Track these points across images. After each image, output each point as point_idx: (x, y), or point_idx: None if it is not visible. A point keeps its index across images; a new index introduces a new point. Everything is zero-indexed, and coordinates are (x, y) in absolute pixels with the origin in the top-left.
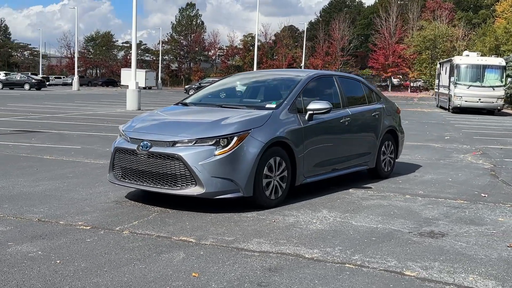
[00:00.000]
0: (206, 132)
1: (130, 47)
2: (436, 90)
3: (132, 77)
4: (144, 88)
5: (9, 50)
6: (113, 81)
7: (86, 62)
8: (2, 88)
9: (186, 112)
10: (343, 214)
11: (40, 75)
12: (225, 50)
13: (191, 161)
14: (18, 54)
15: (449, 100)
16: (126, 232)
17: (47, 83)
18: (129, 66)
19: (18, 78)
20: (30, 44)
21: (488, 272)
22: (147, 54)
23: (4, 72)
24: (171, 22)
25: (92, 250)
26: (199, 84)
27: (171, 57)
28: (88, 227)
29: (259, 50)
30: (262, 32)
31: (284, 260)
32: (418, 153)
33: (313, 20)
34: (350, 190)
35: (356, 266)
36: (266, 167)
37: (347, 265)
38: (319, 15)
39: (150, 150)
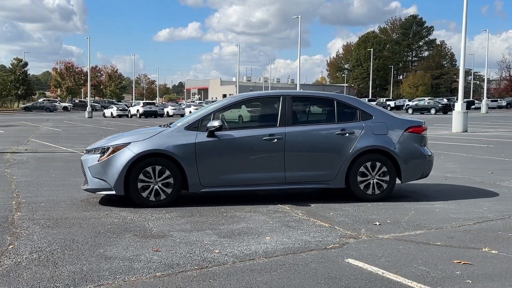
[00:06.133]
0: (99, 144)
1: None
2: None
3: (460, 97)
4: None
5: (454, 76)
6: None
7: None
8: (412, 113)
9: (139, 129)
10: (169, 219)
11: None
12: None
13: (85, 164)
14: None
15: None
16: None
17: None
18: None
19: (426, 104)
20: (471, 69)
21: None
22: None
23: (418, 98)
24: None
25: None
26: None
27: None
28: None
29: None
30: None
31: None
32: None
33: None
34: (278, 205)
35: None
36: (142, 173)
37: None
38: None
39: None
